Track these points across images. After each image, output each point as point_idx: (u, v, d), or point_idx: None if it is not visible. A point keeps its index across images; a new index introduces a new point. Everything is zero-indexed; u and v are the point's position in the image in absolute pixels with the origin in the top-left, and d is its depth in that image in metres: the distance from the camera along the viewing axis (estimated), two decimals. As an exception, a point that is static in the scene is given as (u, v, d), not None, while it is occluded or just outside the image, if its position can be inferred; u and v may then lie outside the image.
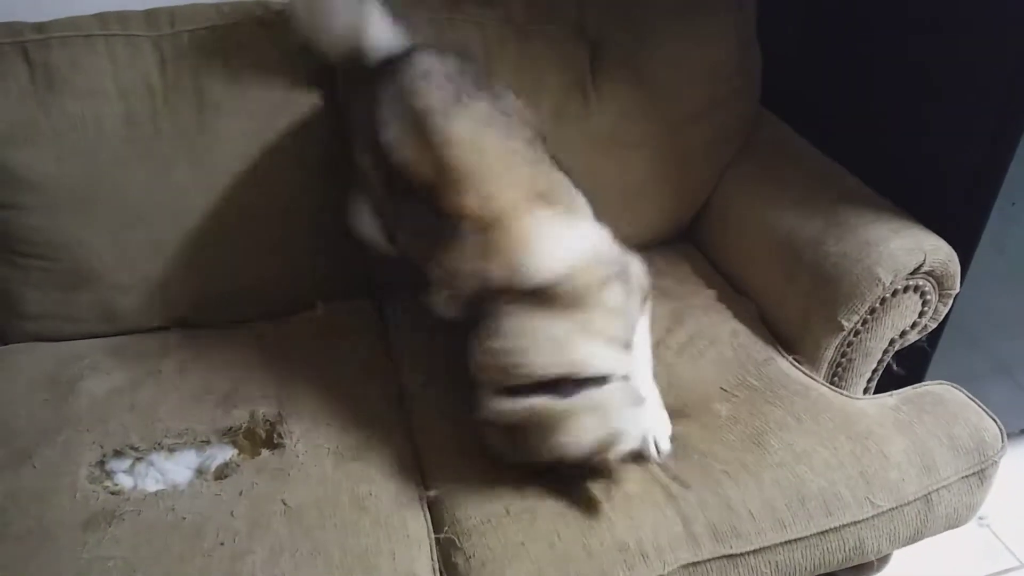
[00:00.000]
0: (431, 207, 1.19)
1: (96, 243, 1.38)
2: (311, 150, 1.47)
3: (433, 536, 1.12)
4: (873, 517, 1.17)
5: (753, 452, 1.20)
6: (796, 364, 1.39)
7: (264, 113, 1.41)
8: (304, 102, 1.44)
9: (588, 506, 1.11)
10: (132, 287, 1.42)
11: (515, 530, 1.10)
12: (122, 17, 1.40)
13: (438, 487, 1.17)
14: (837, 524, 1.16)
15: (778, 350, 1.42)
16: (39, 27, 1.36)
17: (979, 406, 1.29)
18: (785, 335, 1.45)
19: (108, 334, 1.44)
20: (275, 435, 1.22)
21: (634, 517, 1.11)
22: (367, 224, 1.38)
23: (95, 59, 1.35)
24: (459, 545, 1.10)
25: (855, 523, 1.16)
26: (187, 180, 1.39)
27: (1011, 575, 1.60)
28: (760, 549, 1.12)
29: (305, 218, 1.49)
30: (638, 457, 1.12)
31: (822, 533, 1.15)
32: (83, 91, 1.34)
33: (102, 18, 1.39)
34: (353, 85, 1.39)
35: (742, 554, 1.11)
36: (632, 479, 1.15)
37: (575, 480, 1.12)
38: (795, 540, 1.14)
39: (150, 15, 1.42)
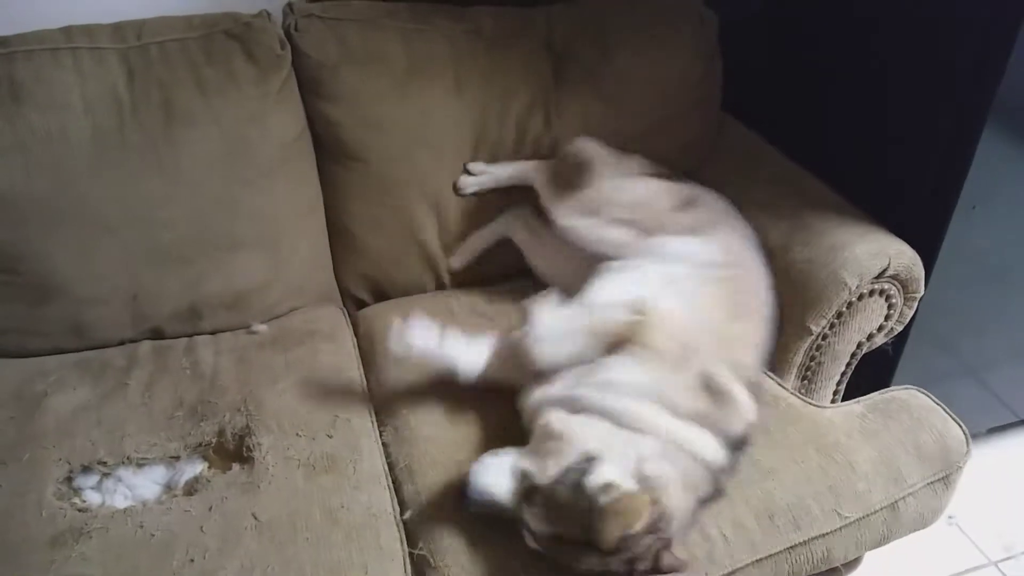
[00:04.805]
0: None
1: (63, 256, 1.37)
2: (282, 160, 1.47)
3: (407, 549, 1.11)
4: (840, 528, 1.18)
5: (723, 471, 1.20)
6: (766, 373, 1.39)
7: (233, 124, 1.41)
8: (275, 114, 1.44)
9: None
10: (100, 300, 1.41)
11: (491, 549, 1.08)
12: (89, 30, 1.39)
13: (413, 507, 1.16)
14: (805, 538, 1.16)
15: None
16: (3, 41, 1.34)
17: (945, 411, 1.30)
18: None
19: (75, 349, 1.42)
20: (244, 448, 1.21)
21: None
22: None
23: (61, 73, 1.35)
24: (433, 564, 1.09)
25: (823, 535, 1.17)
26: (155, 192, 1.39)
27: (980, 572, 1.63)
28: (732, 572, 1.12)
29: (275, 229, 1.49)
30: None
31: (791, 548, 1.15)
32: (49, 105, 1.33)
33: (68, 32, 1.38)
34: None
35: (714, 580, 1.11)
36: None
37: None
38: (765, 558, 1.14)
39: (117, 28, 1.41)
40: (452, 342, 1.24)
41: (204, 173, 1.41)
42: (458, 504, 1.10)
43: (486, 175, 1.56)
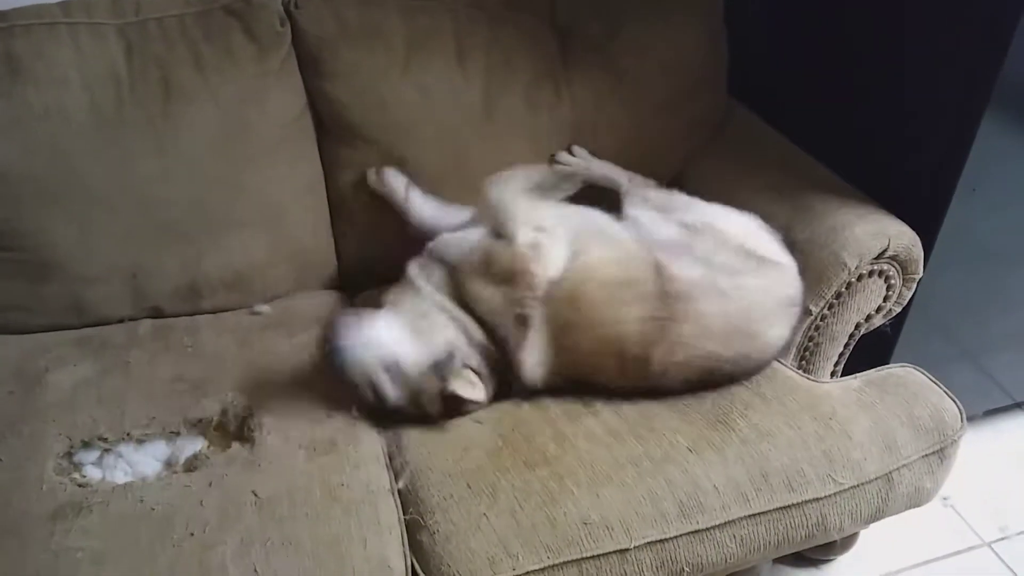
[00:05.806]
0: None
1: (61, 234, 1.37)
2: (282, 139, 1.46)
3: (404, 521, 1.12)
4: (835, 494, 1.20)
5: (719, 430, 1.22)
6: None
7: (232, 102, 1.41)
8: (274, 93, 1.44)
9: None
10: (99, 278, 1.41)
11: (477, 503, 1.11)
12: (87, 5, 1.38)
13: (403, 477, 1.18)
14: (799, 500, 1.18)
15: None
16: (1, 15, 1.33)
17: (940, 387, 1.32)
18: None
19: (75, 326, 1.42)
20: (245, 429, 1.22)
21: (600, 495, 1.12)
22: None
23: (59, 48, 1.34)
24: (423, 524, 1.10)
25: (817, 499, 1.19)
26: (154, 170, 1.38)
27: (975, 553, 1.64)
28: (725, 523, 1.14)
29: (275, 208, 1.48)
30: None
31: (784, 508, 1.17)
32: (47, 80, 1.33)
33: (66, 6, 1.37)
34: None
35: (708, 529, 1.13)
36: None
37: None
38: (759, 514, 1.16)
39: (116, 3, 1.40)
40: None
41: (202, 151, 1.41)
42: (446, 462, 1.18)
43: (582, 164, 1.56)
